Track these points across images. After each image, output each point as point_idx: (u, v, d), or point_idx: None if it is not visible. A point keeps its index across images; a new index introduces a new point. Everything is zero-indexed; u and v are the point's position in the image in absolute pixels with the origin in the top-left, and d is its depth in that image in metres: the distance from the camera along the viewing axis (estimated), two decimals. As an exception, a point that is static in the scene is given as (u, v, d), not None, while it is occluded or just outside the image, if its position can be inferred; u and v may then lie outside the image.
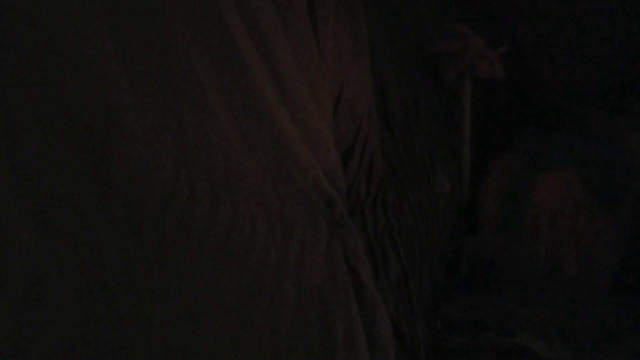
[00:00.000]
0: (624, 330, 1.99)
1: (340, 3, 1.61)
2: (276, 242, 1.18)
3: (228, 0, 1.07)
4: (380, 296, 1.46)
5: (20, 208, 0.74)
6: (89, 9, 0.83)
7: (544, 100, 2.91)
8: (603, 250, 2.30)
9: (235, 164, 1.10)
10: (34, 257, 0.75)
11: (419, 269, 1.94)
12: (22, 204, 0.75)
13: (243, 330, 1.09)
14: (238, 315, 1.08)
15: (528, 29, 2.94)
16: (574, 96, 2.93)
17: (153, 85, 0.94)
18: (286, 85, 1.24)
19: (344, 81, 1.63)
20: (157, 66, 0.94)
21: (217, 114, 1.07)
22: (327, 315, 1.28)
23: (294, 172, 1.25)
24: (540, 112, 2.84)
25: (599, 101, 2.88)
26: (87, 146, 0.83)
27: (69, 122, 0.81)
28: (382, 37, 2.02)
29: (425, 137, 2.24)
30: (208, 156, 1.04)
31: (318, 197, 1.31)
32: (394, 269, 1.72)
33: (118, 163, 0.86)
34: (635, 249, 2.31)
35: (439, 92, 2.49)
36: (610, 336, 1.98)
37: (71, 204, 0.81)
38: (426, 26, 2.41)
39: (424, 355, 1.70)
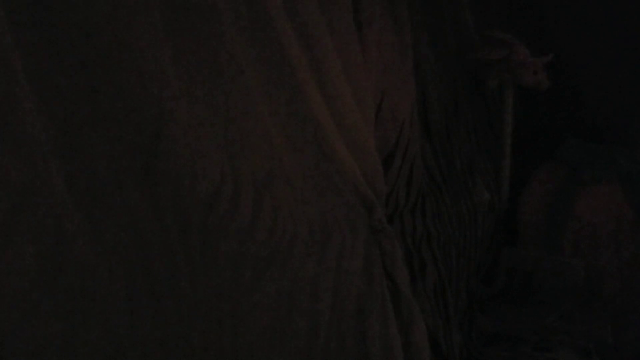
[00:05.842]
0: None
1: (386, 9, 1.60)
2: (315, 246, 1.18)
3: (278, 4, 1.08)
4: (417, 304, 1.45)
5: (75, 205, 0.75)
6: (148, 16, 0.84)
7: (587, 111, 2.85)
8: (646, 266, 2.24)
9: (278, 166, 1.11)
10: (86, 254, 0.77)
11: (455, 279, 1.91)
12: (76, 199, 0.76)
13: (281, 332, 1.09)
14: (277, 317, 1.08)
15: (572, 37, 2.88)
16: (618, 106, 2.85)
17: (203, 87, 0.95)
18: (330, 89, 1.24)
19: (386, 86, 1.62)
20: (208, 69, 0.96)
21: (263, 116, 1.08)
22: (364, 321, 1.28)
23: (334, 176, 1.25)
24: (583, 123, 2.78)
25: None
26: (139, 145, 0.84)
27: (123, 122, 0.82)
28: (425, 42, 2.00)
29: (465, 145, 2.21)
30: (252, 157, 1.05)
31: (358, 202, 1.30)
32: (431, 277, 1.71)
33: (167, 161, 0.88)
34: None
35: (480, 100, 2.45)
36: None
37: (122, 202, 0.83)
38: (469, 33, 2.38)
39: (460, 366, 1.67)
